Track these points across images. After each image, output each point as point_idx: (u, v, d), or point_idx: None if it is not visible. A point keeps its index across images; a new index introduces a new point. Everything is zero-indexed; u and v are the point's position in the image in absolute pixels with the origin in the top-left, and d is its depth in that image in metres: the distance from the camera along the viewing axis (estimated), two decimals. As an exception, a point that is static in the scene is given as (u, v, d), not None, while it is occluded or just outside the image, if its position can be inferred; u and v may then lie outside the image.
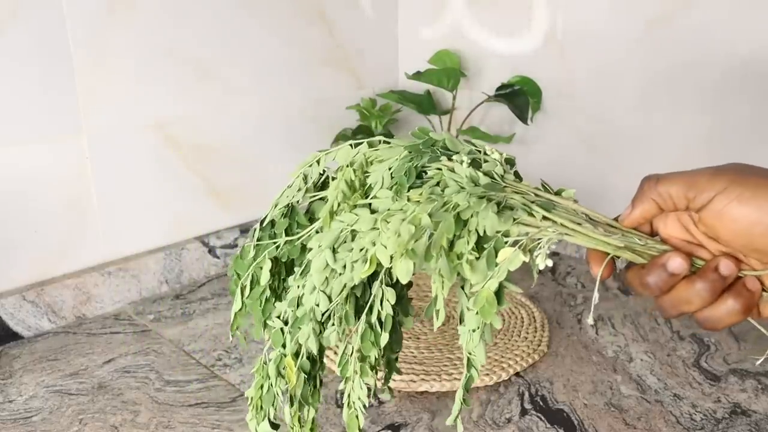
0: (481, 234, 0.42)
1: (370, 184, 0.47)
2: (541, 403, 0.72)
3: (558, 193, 0.45)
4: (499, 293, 0.42)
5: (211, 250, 1.05)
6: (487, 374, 0.75)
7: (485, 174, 0.45)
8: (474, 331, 0.44)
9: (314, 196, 0.52)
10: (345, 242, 0.45)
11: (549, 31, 1.06)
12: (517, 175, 0.46)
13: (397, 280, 0.43)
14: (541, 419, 0.69)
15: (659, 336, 0.85)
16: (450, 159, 0.46)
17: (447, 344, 0.82)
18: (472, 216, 0.42)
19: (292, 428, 0.51)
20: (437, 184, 0.45)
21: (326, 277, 0.45)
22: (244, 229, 1.08)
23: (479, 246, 0.42)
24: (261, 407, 0.51)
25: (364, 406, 0.49)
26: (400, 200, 0.44)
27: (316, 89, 1.15)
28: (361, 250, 0.44)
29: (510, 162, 0.47)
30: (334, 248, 0.45)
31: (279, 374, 0.49)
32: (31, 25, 0.82)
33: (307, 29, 1.11)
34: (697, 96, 0.94)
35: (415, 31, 1.23)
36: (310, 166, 0.52)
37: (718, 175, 0.42)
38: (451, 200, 0.42)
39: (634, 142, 1.01)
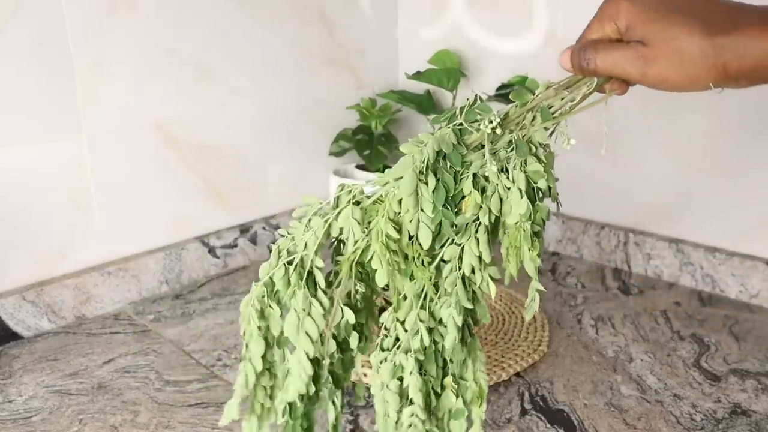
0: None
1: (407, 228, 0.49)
2: (541, 403, 0.72)
3: (532, 90, 0.51)
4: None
5: (211, 250, 1.05)
6: (487, 374, 0.75)
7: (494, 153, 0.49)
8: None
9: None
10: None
11: (549, 31, 1.06)
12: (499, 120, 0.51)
13: None
14: (541, 419, 0.69)
15: (659, 336, 0.85)
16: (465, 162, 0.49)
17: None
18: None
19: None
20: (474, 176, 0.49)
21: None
22: (244, 229, 1.08)
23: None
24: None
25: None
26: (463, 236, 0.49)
27: (316, 89, 1.15)
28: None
29: (485, 106, 0.51)
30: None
31: (403, 397, 0.52)
32: (31, 24, 0.82)
33: (307, 29, 1.11)
34: (697, 94, 0.93)
35: (415, 31, 1.23)
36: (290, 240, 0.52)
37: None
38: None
39: (634, 142, 1.01)
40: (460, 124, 0.50)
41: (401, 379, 0.50)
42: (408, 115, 1.21)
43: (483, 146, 0.49)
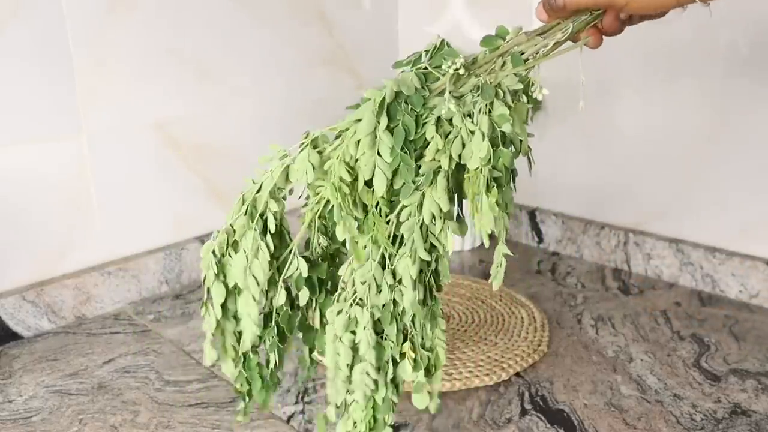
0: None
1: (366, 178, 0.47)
2: (541, 403, 0.72)
3: (503, 36, 0.50)
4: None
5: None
6: (487, 374, 0.75)
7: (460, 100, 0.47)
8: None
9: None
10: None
11: (549, 31, 1.06)
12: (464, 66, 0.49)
13: None
14: (541, 419, 0.69)
15: (659, 336, 0.85)
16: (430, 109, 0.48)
17: (447, 344, 0.82)
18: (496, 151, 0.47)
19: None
20: (439, 125, 0.47)
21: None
22: (244, 229, 1.08)
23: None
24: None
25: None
26: (425, 183, 0.46)
27: (316, 89, 1.15)
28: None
29: (452, 52, 0.49)
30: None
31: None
32: (31, 24, 0.82)
33: (307, 29, 1.11)
34: (698, 94, 0.93)
35: (415, 30, 1.23)
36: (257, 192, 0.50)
37: None
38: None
39: (633, 142, 1.01)
40: (425, 68, 0.48)
41: (355, 333, 0.48)
42: (408, 115, 1.21)
43: None
